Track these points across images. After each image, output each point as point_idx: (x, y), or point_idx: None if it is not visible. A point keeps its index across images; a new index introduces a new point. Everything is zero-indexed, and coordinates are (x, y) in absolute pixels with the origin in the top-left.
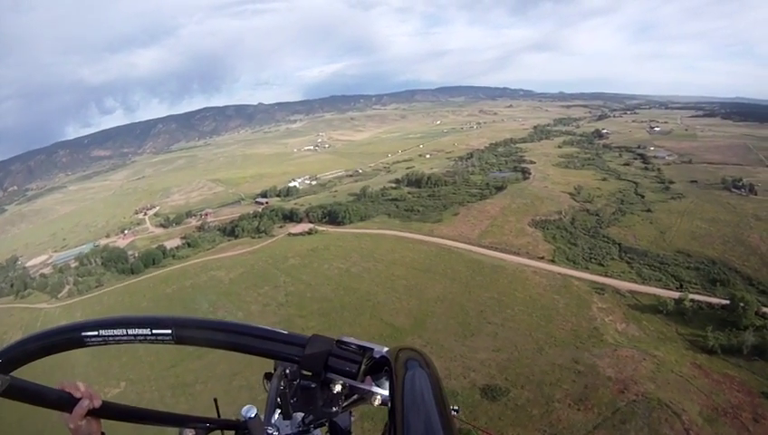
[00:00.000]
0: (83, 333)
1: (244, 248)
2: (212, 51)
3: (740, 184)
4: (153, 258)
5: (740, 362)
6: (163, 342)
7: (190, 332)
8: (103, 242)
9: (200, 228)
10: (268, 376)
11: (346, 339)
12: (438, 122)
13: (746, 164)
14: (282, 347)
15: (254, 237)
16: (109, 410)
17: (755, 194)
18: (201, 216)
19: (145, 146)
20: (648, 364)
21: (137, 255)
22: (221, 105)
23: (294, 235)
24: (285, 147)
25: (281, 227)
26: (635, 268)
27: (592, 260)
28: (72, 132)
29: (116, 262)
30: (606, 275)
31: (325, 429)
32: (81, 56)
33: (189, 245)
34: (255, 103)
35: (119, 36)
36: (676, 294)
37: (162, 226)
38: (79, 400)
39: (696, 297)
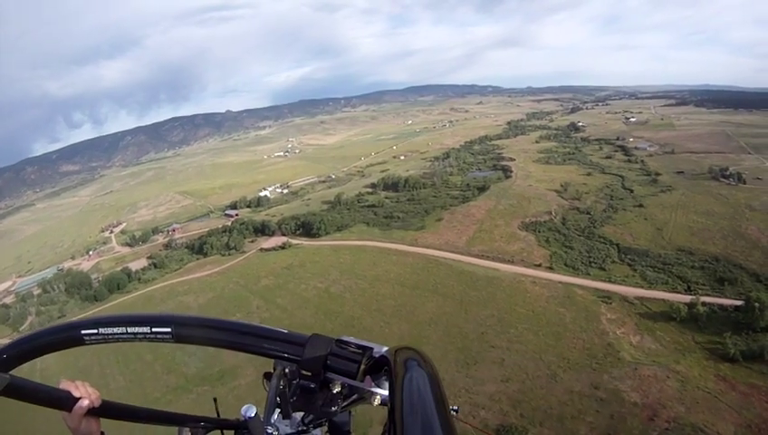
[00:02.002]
0: (83, 332)
1: (214, 268)
2: (179, 60)
3: (728, 173)
4: (117, 283)
5: (763, 368)
6: (162, 340)
7: (189, 330)
8: (68, 265)
9: (167, 246)
10: (268, 376)
11: (346, 339)
12: (410, 122)
13: (729, 152)
14: (281, 346)
15: (223, 255)
16: (108, 409)
17: (744, 183)
18: (168, 232)
19: (114, 159)
20: (673, 383)
21: (101, 279)
22: (189, 114)
23: (267, 250)
24: (255, 154)
25: (252, 241)
26: (638, 271)
27: (592, 264)
28: (41, 148)
29: (79, 288)
30: (609, 281)
31: (325, 428)
32: (47, 70)
33: (156, 265)
34: (224, 111)
35: (85, 48)
36: (687, 298)
37: (128, 244)
38: (78, 399)
39: (707, 299)
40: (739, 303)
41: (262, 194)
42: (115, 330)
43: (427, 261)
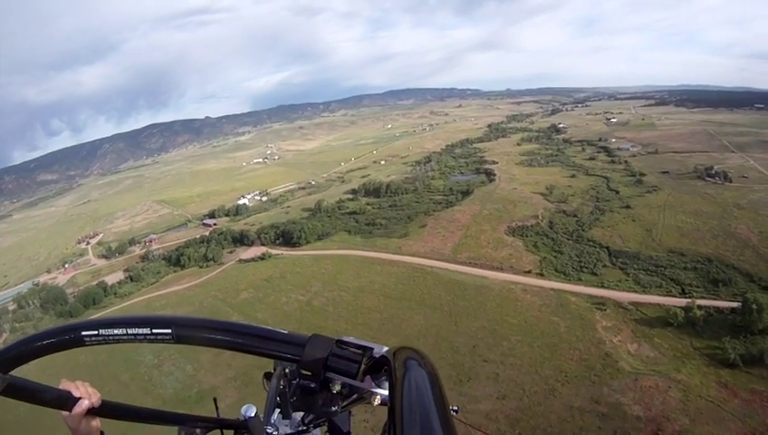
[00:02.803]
0: (83, 333)
1: (192, 281)
2: (157, 65)
3: (713, 172)
4: (93, 298)
5: (763, 373)
6: (163, 341)
7: (190, 331)
8: (43, 279)
9: (144, 258)
10: (268, 376)
11: (346, 339)
12: (389, 126)
13: (712, 151)
14: (281, 347)
15: (201, 266)
16: (108, 409)
17: (730, 181)
18: (145, 243)
19: (92, 167)
20: (675, 393)
21: (76, 293)
22: (168, 121)
23: (245, 261)
24: (234, 161)
25: (231, 252)
26: (631, 275)
27: (583, 269)
28: (19, 157)
29: (54, 303)
30: (602, 287)
31: (324, 428)
32: (25, 76)
33: (132, 279)
34: (203, 117)
35: (63, 54)
36: (682, 302)
37: (105, 256)
38: (78, 399)
39: (703, 302)
40: (735, 305)
41: (240, 202)
42: (115, 331)
43: (413, 270)
